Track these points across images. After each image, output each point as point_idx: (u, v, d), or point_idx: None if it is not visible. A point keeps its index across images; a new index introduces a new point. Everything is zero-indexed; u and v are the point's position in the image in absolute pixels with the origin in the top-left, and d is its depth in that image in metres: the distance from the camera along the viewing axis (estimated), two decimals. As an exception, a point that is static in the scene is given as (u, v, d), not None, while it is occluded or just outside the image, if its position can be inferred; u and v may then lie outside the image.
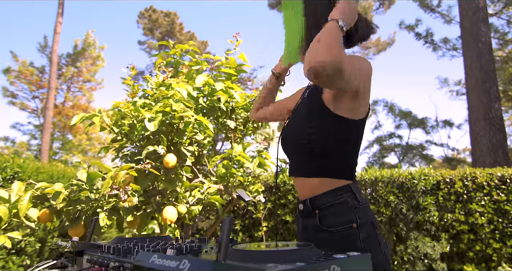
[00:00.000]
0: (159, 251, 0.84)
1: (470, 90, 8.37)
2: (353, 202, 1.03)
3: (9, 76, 18.17)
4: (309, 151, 1.07)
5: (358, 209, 1.03)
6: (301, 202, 1.12)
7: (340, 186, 1.05)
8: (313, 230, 1.06)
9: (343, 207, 1.03)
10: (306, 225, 1.09)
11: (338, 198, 1.04)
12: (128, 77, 2.51)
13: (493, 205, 3.97)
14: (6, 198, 1.71)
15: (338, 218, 1.02)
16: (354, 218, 1.01)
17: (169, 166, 2.00)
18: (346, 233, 1.00)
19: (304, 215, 1.10)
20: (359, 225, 1.00)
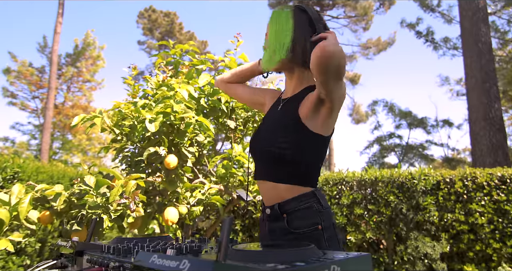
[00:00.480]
0: (159, 251, 0.84)
1: (470, 90, 8.37)
2: (317, 206, 1.13)
3: (9, 77, 18.17)
4: (279, 160, 1.14)
5: (322, 212, 1.13)
6: (268, 207, 1.19)
7: (306, 192, 1.14)
8: (280, 232, 1.14)
9: (309, 211, 1.12)
10: (273, 228, 1.17)
11: (304, 203, 1.13)
12: (129, 77, 2.51)
13: (493, 205, 3.97)
14: (6, 200, 1.71)
15: (305, 221, 1.11)
16: (319, 220, 1.11)
17: (170, 167, 2.00)
18: (312, 234, 1.10)
19: (271, 219, 1.17)
20: (323, 227, 1.11)
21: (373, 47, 20.94)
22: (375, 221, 4.06)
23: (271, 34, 1.21)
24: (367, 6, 19.71)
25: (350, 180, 4.32)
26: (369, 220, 4.07)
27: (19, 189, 1.76)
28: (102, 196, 1.79)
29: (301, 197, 1.14)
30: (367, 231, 4.05)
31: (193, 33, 23.52)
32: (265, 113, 1.38)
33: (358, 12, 19.84)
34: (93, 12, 46.02)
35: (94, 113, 2.05)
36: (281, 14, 1.21)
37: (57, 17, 14.34)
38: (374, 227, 4.06)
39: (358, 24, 20.52)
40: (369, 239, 4.09)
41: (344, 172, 4.51)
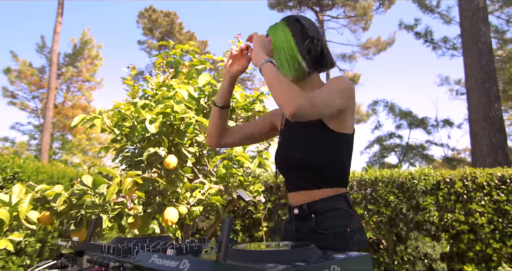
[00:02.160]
0: (159, 251, 0.84)
1: (470, 90, 8.37)
2: (347, 209, 1.14)
3: (10, 76, 18.18)
4: (312, 167, 1.14)
5: (352, 216, 1.14)
6: (296, 207, 1.18)
7: (338, 194, 1.15)
8: (308, 232, 1.13)
9: (339, 213, 1.12)
10: (300, 227, 1.16)
11: (334, 204, 1.13)
12: (128, 77, 2.51)
13: (493, 205, 3.97)
14: (6, 201, 1.71)
15: (334, 222, 1.11)
16: (348, 223, 1.11)
17: (170, 167, 2.00)
18: (341, 235, 1.09)
19: (298, 218, 1.17)
20: (352, 229, 1.10)
21: (372, 47, 20.95)
22: (375, 221, 4.06)
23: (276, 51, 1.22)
24: (367, 6, 19.72)
25: (350, 180, 4.32)
26: (369, 220, 4.07)
27: (19, 189, 1.76)
28: (100, 195, 1.79)
29: (332, 198, 1.14)
30: (367, 231, 4.05)
31: (193, 33, 23.53)
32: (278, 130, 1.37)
33: (357, 12, 19.85)
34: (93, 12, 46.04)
35: (94, 113, 2.05)
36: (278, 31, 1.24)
37: (57, 17, 14.33)
38: (374, 227, 4.06)
39: (357, 24, 20.53)
40: (369, 239, 4.09)
41: (344, 172, 4.51)
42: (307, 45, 1.20)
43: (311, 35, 1.21)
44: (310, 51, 1.20)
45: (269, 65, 1.09)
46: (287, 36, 1.21)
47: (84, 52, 19.63)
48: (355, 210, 1.16)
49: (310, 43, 1.20)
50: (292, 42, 1.20)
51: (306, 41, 1.20)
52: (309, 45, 1.20)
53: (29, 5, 37.68)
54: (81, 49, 19.56)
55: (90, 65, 19.92)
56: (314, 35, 1.21)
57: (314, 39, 1.21)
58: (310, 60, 1.21)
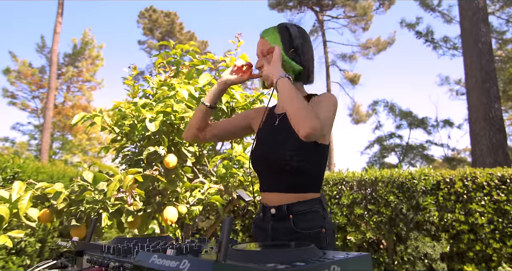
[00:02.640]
0: (159, 251, 0.84)
1: (470, 90, 8.37)
2: (322, 212, 1.22)
3: (10, 77, 18.18)
4: (291, 172, 1.21)
5: (325, 218, 1.23)
6: (273, 207, 1.24)
7: (314, 198, 1.23)
8: (285, 231, 1.20)
9: (316, 215, 1.21)
10: (277, 227, 1.22)
11: (311, 207, 1.21)
12: (129, 77, 2.51)
13: (493, 205, 3.97)
14: (6, 197, 1.71)
15: (311, 223, 1.19)
16: (323, 224, 1.20)
17: (170, 166, 2.00)
18: (317, 235, 1.18)
19: (275, 219, 1.23)
20: (327, 230, 1.20)
21: (373, 47, 20.94)
22: (375, 221, 4.06)
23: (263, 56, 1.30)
24: (367, 6, 19.71)
25: (350, 180, 4.32)
26: (369, 220, 4.07)
27: (19, 186, 1.76)
28: (100, 191, 1.80)
29: (309, 201, 1.21)
30: (367, 231, 4.05)
31: (194, 33, 23.53)
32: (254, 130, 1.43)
33: (357, 12, 19.84)
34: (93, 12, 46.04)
35: (95, 112, 2.05)
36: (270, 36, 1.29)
37: (57, 17, 14.33)
38: (374, 227, 4.06)
39: (357, 24, 20.53)
40: (369, 239, 4.09)
41: (344, 172, 4.51)
42: (290, 55, 1.26)
43: (295, 45, 1.26)
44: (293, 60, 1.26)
45: (286, 81, 1.14)
46: (276, 43, 1.27)
47: (85, 52, 19.63)
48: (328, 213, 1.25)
49: (293, 53, 1.26)
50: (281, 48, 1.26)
51: (291, 50, 1.26)
52: (291, 55, 1.26)
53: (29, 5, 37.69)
54: (82, 50, 19.56)
55: (91, 66, 19.92)
56: (298, 46, 1.26)
57: (298, 50, 1.26)
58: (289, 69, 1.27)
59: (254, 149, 1.33)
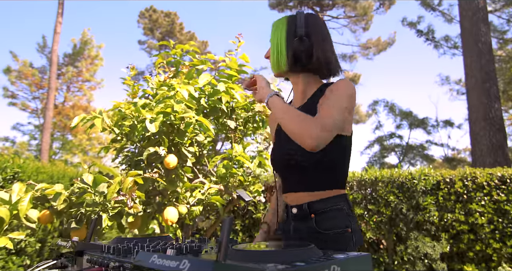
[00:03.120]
0: (159, 251, 0.84)
1: (470, 90, 8.37)
2: (348, 210, 1.15)
3: (10, 76, 18.18)
4: (314, 168, 1.14)
5: (351, 216, 1.15)
6: (294, 206, 1.18)
7: (338, 195, 1.15)
8: (307, 231, 1.13)
9: (340, 213, 1.13)
10: (299, 227, 1.16)
11: (335, 204, 1.14)
12: (128, 78, 2.51)
13: (493, 205, 3.97)
14: (6, 199, 1.71)
15: (335, 222, 1.11)
16: (349, 223, 1.12)
17: (170, 167, 2.00)
18: (342, 236, 1.10)
19: (297, 218, 1.17)
20: (352, 230, 1.11)
21: (373, 47, 20.93)
22: (375, 221, 4.06)
23: (272, 45, 1.25)
24: (367, 6, 19.71)
25: (350, 180, 4.32)
26: (369, 220, 4.07)
27: (19, 188, 1.76)
28: (100, 194, 1.80)
29: (332, 198, 1.14)
30: (367, 231, 4.05)
31: (194, 34, 23.52)
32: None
33: (358, 12, 19.84)
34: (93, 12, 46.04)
35: (94, 113, 2.05)
36: (278, 24, 1.26)
37: (57, 17, 14.33)
38: (374, 227, 4.06)
39: (358, 24, 20.51)
40: (369, 239, 4.08)
41: (344, 172, 4.50)
42: (294, 43, 1.19)
43: (299, 33, 1.19)
44: (295, 49, 1.19)
45: (275, 98, 1.13)
46: (281, 32, 1.23)
47: (84, 52, 19.63)
48: (354, 211, 1.19)
49: (296, 42, 1.19)
50: (283, 39, 1.21)
51: (295, 38, 1.20)
52: (295, 43, 1.19)
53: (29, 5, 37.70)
54: (81, 50, 19.56)
55: (90, 65, 19.92)
56: (302, 34, 1.19)
57: (302, 38, 1.18)
58: (292, 58, 1.20)
59: (273, 149, 1.29)
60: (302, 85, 1.26)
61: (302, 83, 1.26)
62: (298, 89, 1.28)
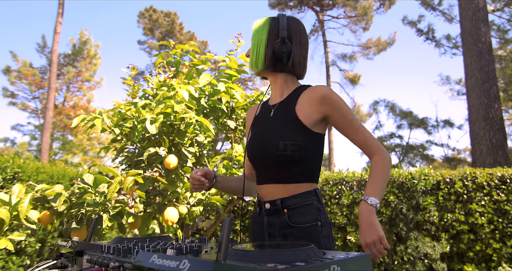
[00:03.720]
0: (159, 251, 0.84)
1: (470, 90, 8.37)
2: (317, 204, 1.21)
3: (10, 77, 18.19)
4: (288, 162, 1.19)
5: (321, 210, 1.21)
6: (267, 202, 1.24)
7: (309, 190, 1.21)
8: (279, 226, 1.19)
9: (310, 208, 1.19)
10: (272, 222, 1.22)
11: (306, 200, 1.20)
12: (128, 78, 2.51)
13: (493, 205, 3.97)
14: (6, 200, 1.71)
15: (306, 217, 1.18)
16: (319, 217, 1.19)
17: (170, 167, 2.00)
18: (312, 229, 1.17)
19: (270, 213, 1.23)
20: (322, 223, 1.18)
21: (373, 47, 20.94)
22: (375, 221, 4.06)
23: (252, 45, 1.30)
24: (367, 6, 19.71)
25: (350, 180, 4.32)
26: (369, 220, 4.07)
27: (19, 189, 1.76)
28: (101, 194, 1.80)
29: (304, 194, 1.19)
30: (367, 231, 4.05)
31: (194, 33, 23.53)
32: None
33: (358, 12, 19.84)
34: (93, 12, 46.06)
35: (94, 114, 2.05)
36: (260, 25, 1.29)
37: (57, 17, 14.32)
38: (374, 227, 4.06)
39: (358, 24, 20.52)
40: (369, 239, 4.08)
41: (344, 172, 4.51)
42: (275, 44, 1.24)
43: (281, 35, 1.24)
44: (275, 50, 1.24)
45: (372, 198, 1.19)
46: (262, 33, 1.27)
47: (83, 52, 19.63)
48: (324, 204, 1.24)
49: (278, 43, 1.24)
50: (263, 40, 1.26)
51: (277, 40, 1.24)
52: (276, 45, 1.24)
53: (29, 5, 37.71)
54: (80, 49, 19.56)
55: (90, 65, 19.92)
56: (284, 36, 1.24)
57: (284, 40, 1.24)
58: (271, 59, 1.25)
59: (249, 141, 1.33)
60: (280, 84, 1.32)
61: (280, 82, 1.32)
62: (276, 87, 1.34)
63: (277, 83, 1.32)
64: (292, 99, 1.26)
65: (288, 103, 1.26)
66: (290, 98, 1.27)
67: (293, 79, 1.33)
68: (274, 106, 1.32)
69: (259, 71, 1.30)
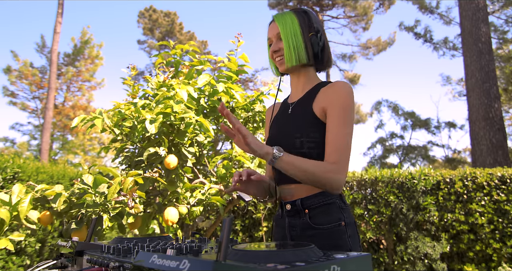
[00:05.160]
0: (159, 251, 0.84)
1: (470, 90, 8.37)
2: (340, 203, 1.15)
3: (10, 76, 18.19)
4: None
5: (344, 209, 1.15)
6: (288, 203, 1.19)
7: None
8: (301, 227, 1.14)
9: (332, 207, 1.13)
10: (294, 223, 1.17)
11: (327, 199, 1.14)
12: (128, 78, 2.51)
13: (493, 205, 3.97)
14: (6, 200, 1.71)
15: (328, 217, 1.12)
16: (342, 217, 1.13)
17: (170, 167, 1.99)
18: (336, 230, 1.11)
19: (291, 214, 1.18)
20: (346, 223, 1.12)
21: (373, 47, 20.94)
22: (375, 221, 4.06)
23: (286, 39, 1.22)
24: (367, 6, 19.72)
25: (350, 180, 4.32)
26: (369, 220, 4.07)
27: (19, 189, 1.76)
28: (101, 194, 1.79)
29: (325, 192, 1.14)
30: (367, 231, 4.05)
31: (193, 33, 23.53)
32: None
33: (357, 12, 19.85)
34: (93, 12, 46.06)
35: (94, 114, 2.05)
36: (286, 18, 1.24)
37: (57, 17, 14.33)
38: (374, 227, 4.06)
39: (357, 24, 20.53)
40: (369, 239, 4.09)
41: (344, 172, 4.50)
42: (311, 38, 1.21)
43: (316, 28, 1.22)
44: (312, 44, 1.21)
45: (281, 160, 1.04)
46: (294, 25, 1.21)
47: (84, 51, 19.62)
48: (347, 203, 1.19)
49: (314, 37, 1.21)
50: (299, 32, 1.21)
51: (311, 33, 1.21)
52: (312, 38, 1.21)
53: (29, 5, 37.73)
54: (81, 49, 19.55)
55: (90, 65, 19.92)
56: (318, 29, 1.22)
57: (318, 33, 1.22)
58: (311, 53, 1.22)
59: (268, 141, 1.29)
60: (304, 79, 1.28)
61: (304, 77, 1.28)
62: (298, 84, 1.30)
63: (300, 80, 1.29)
64: (310, 96, 1.23)
65: (307, 100, 1.23)
66: (309, 95, 1.24)
67: (315, 75, 1.30)
68: (292, 103, 1.29)
69: (293, 66, 1.24)
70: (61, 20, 14.38)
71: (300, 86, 1.29)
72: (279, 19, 1.24)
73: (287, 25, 1.22)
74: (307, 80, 1.28)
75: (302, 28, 1.21)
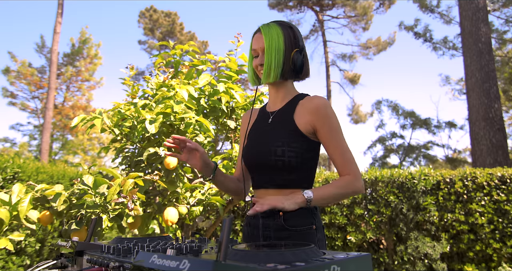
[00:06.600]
0: (159, 251, 0.84)
1: (470, 90, 8.37)
2: (312, 208, 1.22)
3: (9, 77, 18.19)
4: (285, 168, 1.21)
5: (316, 214, 1.23)
6: None
7: None
8: (275, 228, 1.21)
9: (305, 212, 1.20)
10: (267, 224, 1.23)
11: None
12: (127, 78, 2.51)
13: (493, 205, 3.97)
14: (6, 200, 1.71)
15: (301, 220, 1.19)
16: (314, 221, 1.21)
17: (170, 167, 2.00)
18: (307, 232, 1.19)
19: (265, 216, 1.23)
20: (317, 227, 1.21)
21: (373, 47, 20.95)
22: (375, 221, 4.06)
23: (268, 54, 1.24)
24: (367, 6, 19.72)
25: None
26: (369, 220, 4.07)
27: (19, 189, 1.76)
28: (101, 195, 1.79)
29: None
30: (367, 231, 4.05)
31: (194, 34, 23.54)
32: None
33: (357, 12, 19.85)
34: (93, 12, 46.08)
35: (94, 114, 2.05)
36: (272, 32, 1.25)
37: (57, 17, 14.32)
38: (374, 227, 4.06)
39: (357, 24, 20.54)
40: (369, 239, 4.09)
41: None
42: (294, 55, 1.24)
43: (300, 45, 1.26)
44: (296, 61, 1.25)
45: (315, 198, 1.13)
46: (279, 41, 1.24)
47: (83, 51, 19.62)
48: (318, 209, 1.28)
49: (297, 53, 1.25)
50: (282, 48, 1.23)
51: (295, 50, 1.25)
52: (296, 55, 1.25)
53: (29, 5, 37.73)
54: (80, 49, 19.55)
55: (90, 65, 19.92)
56: (302, 46, 1.27)
57: (302, 50, 1.26)
58: (292, 69, 1.26)
59: (246, 146, 1.33)
60: (284, 90, 1.33)
61: (284, 90, 1.33)
62: (278, 95, 1.34)
63: (280, 91, 1.33)
64: (290, 108, 1.29)
65: (287, 111, 1.29)
66: (288, 107, 1.29)
67: (293, 86, 1.35)
68: (272, 113, 1.33)
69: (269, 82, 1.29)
70: (61, 20, 14.38)
71: (279, 97, 1.34)
72: (266, 33, 1.25)
73: (273, 41, 1.23)
74: (286, 91, 1.33)
75: (285, 44, 1.24)
